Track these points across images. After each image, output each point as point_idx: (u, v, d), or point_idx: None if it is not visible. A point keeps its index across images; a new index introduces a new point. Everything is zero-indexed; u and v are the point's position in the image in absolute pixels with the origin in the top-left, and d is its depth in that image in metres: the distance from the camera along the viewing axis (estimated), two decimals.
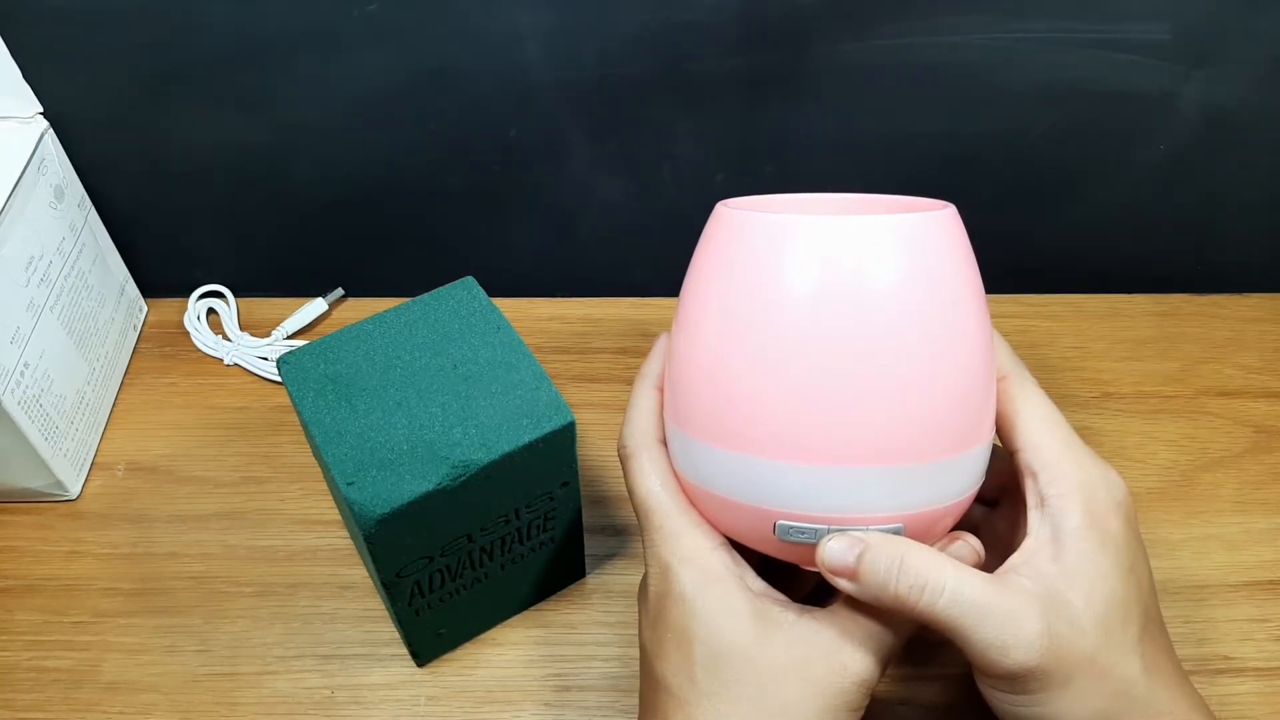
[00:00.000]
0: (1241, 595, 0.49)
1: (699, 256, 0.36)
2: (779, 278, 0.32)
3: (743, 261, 0.33)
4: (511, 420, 0.39)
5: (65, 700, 0.45)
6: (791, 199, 0.40)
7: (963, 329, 0.33)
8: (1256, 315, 0.61)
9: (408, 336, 0.41)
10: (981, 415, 0.34)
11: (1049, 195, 0.58)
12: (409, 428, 0.38)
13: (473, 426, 0.38)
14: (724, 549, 0.35)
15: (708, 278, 0.35)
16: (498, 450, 0.38)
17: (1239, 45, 0.51)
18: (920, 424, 0.32)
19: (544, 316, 0.61)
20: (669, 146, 0.55)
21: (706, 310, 0.34)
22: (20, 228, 0.48)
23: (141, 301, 0.61)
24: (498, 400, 0.39)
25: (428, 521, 0.38)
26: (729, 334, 0.33)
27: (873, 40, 0.50)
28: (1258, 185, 0.58)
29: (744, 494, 0.33)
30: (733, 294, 0.33)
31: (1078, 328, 0.61)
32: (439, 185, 0.57)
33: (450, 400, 0.39)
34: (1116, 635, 0.32)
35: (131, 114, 0.53)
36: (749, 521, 0.34)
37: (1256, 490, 0.53)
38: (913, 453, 0.32)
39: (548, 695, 0.45)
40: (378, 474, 0.37)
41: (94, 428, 0.54)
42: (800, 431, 0.32)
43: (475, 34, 0.49)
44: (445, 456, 0.37)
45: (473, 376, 0.40)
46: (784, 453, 0.32)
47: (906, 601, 0.31)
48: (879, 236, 0.32)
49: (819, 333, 0.32)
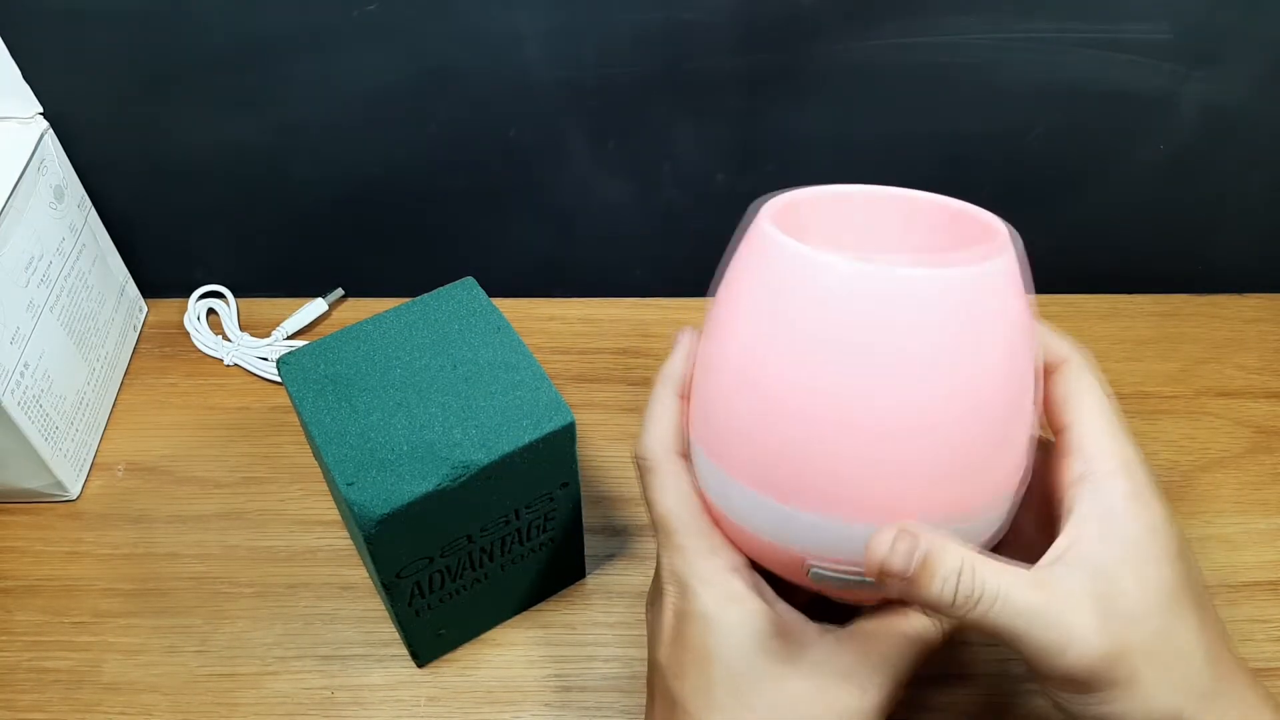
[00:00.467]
0: (1242, 596, 0.49)
1: (741, 273, 0.33)
2: (830, 332, 0.30)
3: (791, 304, 0.31)
4: (512, 421, 0.39)
5: (65, 701, 0.45)
6: (836, 194, 0.37)
7: (1011, 388, 0.32)
8: (1257, 316, 0.61)
9: (408, 337, 0.41)
10: (1020, 464, 0.33)
11: (1049, 195, 0.58)
12: (409, 428, 0.38)
13: (473, 427, 0.38)
14: (746, 569, 0.35)
15: (750, 311, 0.32)
16: (498, 451, 0.38)
17: (1239, 45, 0.51)
18: (968, 486, 0.32)
19: (544, 316, 0.61)
20: (669, 146, 0.55)
21: (749, 351, 0.32)
22: (20, 228, 0.48)
23: (141, 302, 0.61)
24: (498, 400, 0.39)
25: (428, 522, 0.38)
26: (774, 380, 0.31)
27: (873, 40, 0.50)
28: (1258, 185, 0.58)
29: (779, 537, 0.32)
30: (778, 339, 0.31)
31: (1078, 328, 0.60)
32: (439, 185, 0.57)
33: (450, 400, 0.39)
34: (1175, 625, 0.31)
35: (131, 114, 0.53)
36: (780, 559, 0.33)
37: (1256, 491, 0.53)
38: (957, 514, 0.31)
39: (548, 696, 0.45)
40: (378, 474, 0.37)
41: (94, 428, 0.54)
42: (844, 490, 0.31)
43: (475, 34, 0.49)
44: (445, 457, 0.37)
45: (473, 377, 0.40)
46: (827, 507, 0.31)
47: (958, 611, 0.30)
48: (937, 293, 0.30)
49: (870, 389, 0.30)
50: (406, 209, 0.58)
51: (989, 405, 0.31)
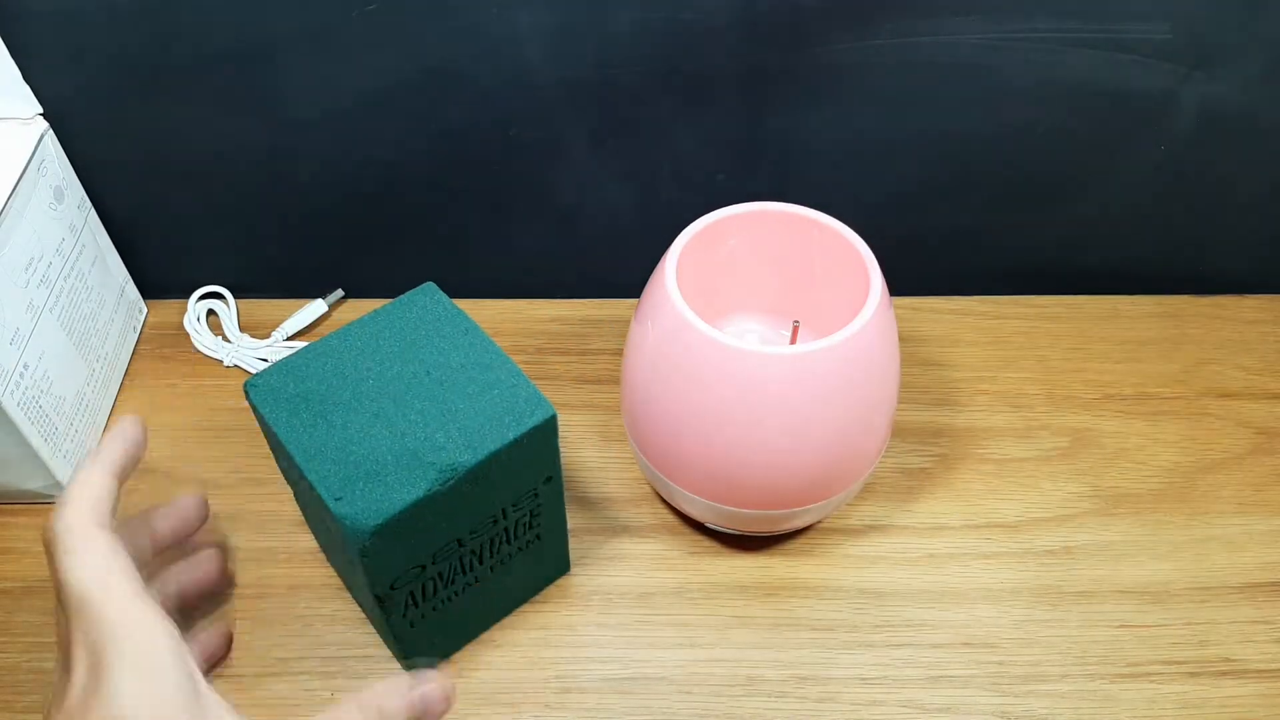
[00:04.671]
0: (1243, 597, 0.48)
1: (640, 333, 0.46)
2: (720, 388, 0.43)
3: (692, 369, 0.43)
4: (493, 419, 0.38)
5: None
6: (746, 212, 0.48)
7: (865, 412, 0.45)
8: (1258, 317, 0.61)
9: (376, 347, 0.41)
10: (872, 461, 0.48)
11: (1049, 195, 0.58)
12: (390, 437, 0.38)
13: (455, 429, 0.38)
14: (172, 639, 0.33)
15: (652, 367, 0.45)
16: (483, 450, 0.38)
17: (1240, 45, 0.50)
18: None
19: (544, 317, 0.61)
20: (669, 146, 0.55)
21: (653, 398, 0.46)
22: (20, 229, 0.48)
23: (141, 303, 0.61)
24: (476, 401, 0.39)
25: (419, 529, 0.38)
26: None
27: (873, 40, 0.50)
28: (1259, 185, 0.57)
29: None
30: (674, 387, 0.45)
31: (1079, 329, 0.60)
32: (439, 185, 0.57)
33: (428, 406, 0.39)
34: None
35: (131, 114, 0.53)
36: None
37: (1258, 492, 0.53)
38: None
39: (548, 697, 0.45)
40: (365, 487, 0.36)
41: (93, 429, 0.54)
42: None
43: (475, 34, 0.49)
44: (431, 462, 0.37)
45: (448, 380, 0.40)
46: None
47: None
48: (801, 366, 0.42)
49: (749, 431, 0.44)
50: (406, 209, 0.58)
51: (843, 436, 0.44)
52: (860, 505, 0.52)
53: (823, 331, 0.43)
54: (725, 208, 0.47)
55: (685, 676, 0.46)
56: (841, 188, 0.56)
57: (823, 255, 0.47)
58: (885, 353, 0.44)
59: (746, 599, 0.48)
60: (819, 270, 0.48)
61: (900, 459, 0.54)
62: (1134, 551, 0.50)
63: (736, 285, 0.51)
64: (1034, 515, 0.52)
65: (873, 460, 0.47)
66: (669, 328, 0.43)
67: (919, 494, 0.52)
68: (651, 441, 0.47)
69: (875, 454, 0.47)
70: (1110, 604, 0.48)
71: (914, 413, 0.56)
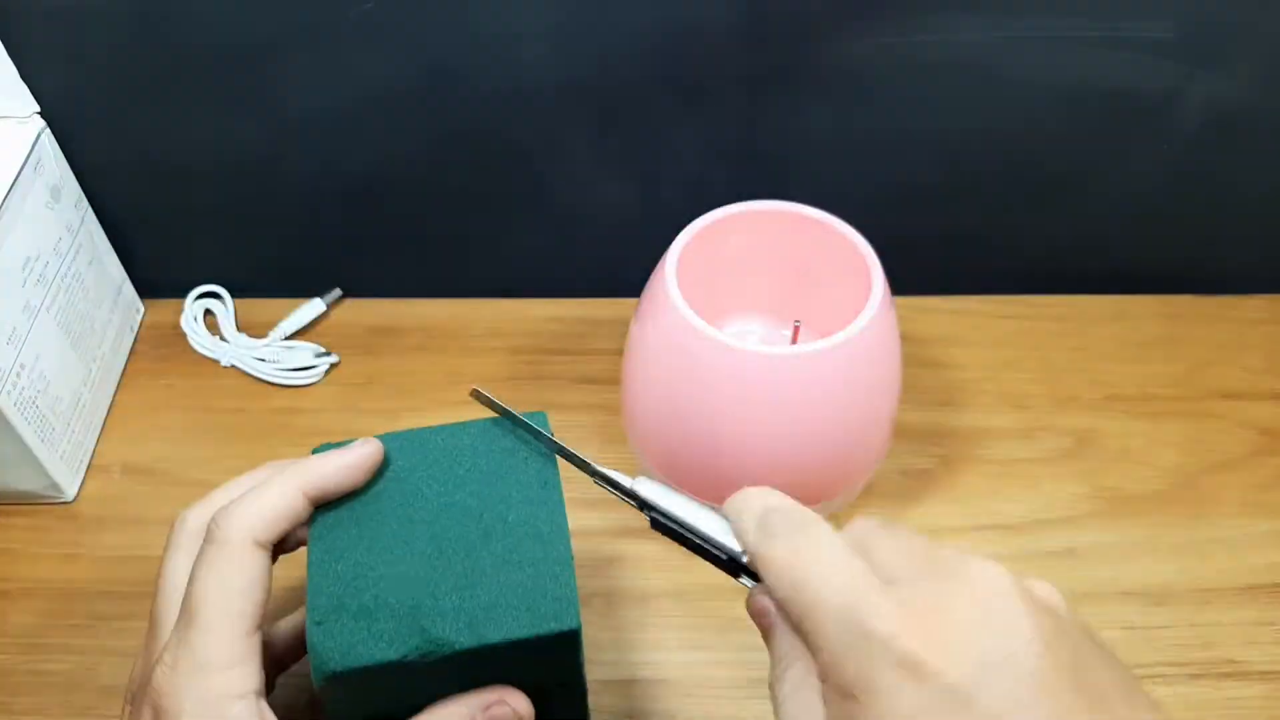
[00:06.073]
0: (1246, 598, 0.48)
1: (641, 330, 0.46)
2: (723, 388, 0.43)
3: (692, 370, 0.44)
4: (510, 605, 0.33)
5: (62, 704, 0.45)
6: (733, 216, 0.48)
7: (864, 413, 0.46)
8: (1262, 317, 0.61)
9: (453, 462, 0.37)
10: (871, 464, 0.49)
11: (1051, 195, 0.58)
12: (401, 577, 0.34)
13: (468, 597, 0.33)
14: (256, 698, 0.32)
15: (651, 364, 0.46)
16: (481, 638, 0.33)
17: (1243, 44, 0.50)
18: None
19: (544, 316, 0.61)
20: (669, 146, 0.55)
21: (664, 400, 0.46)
22: (16, 228, 0.48)
23: (138, 302, 0.61)
24: (506, 573, 0.34)
25: (390, 685, 0.33)
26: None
27: (873, 40, 0.50)
28: (1263, 185, 0.57)
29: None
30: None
31: (1082, 329, 0.60)
32: (439, 185, 0.56)
33: (457, 555, 0.34)
34: None
35: (129, 114, 0.52)
36: None
37: (1262, 493, 0.52)
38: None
39: None
40: (350, 622, 0.33)
41: (90, 429, 0.54)
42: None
43: (475, 34, 0.49)
44: (424, 627, 0.33)
45: (494, 533, 0.35)
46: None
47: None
48: (799, 366, 0.42)
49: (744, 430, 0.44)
50: (405, 209, 0.58)
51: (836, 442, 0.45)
52: (862, 507, 0.51)
53: (824, 332, 0.43)
54: (725, 207, 0.47)
55: (687, 678, 0.46)
56: (841, 187, 0.55)
57: (823, 255, 0.47)
58: (887, 353, 0.44)
59: None
60: (820, 270, 0.48)
61: (902, 460, 0.53)
62: (1137, 553, 0.50)
63: (737, 285, 0.51)
64: (1036, 516, 0.51)
65: (874, 461, 0.47)
66: (669, 328, 0.43)
67: (921, 495, 0.52)
68: (651, 442, 0.46)
69: (877, 455, 0.47)
70: (1113, 605, 0.48)
71: (915, 413, 0.56)
